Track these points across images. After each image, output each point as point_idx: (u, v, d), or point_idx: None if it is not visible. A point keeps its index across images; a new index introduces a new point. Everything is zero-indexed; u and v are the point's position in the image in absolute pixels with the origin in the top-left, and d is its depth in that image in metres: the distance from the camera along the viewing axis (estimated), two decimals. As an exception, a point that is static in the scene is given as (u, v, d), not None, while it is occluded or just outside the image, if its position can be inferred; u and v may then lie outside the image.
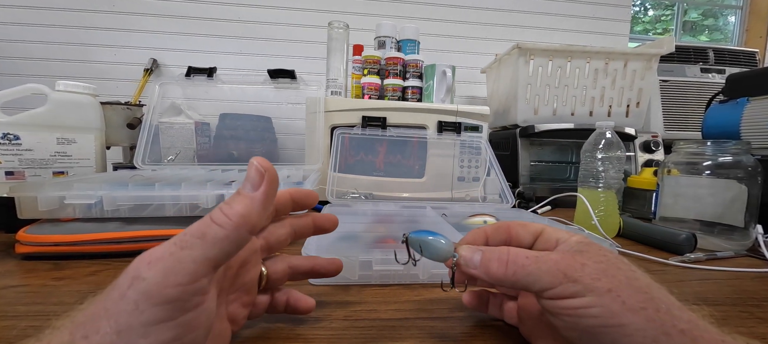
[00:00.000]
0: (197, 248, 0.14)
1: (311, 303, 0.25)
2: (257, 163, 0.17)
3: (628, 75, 0.81)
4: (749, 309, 0.30)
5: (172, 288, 0.14)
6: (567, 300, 0.17)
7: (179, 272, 0.14)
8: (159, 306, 0.13)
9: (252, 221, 0.16)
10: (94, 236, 0.35)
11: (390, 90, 0.77)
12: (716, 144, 0.48)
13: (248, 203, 0.16)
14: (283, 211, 0.24)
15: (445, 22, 1.16)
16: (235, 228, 0.15)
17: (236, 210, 0.15)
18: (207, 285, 0.15)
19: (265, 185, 0.16)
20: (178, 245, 0.14)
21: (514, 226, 0.23)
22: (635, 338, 0.15)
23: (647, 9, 2.12)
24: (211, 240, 0.15)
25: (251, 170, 0.16)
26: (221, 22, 1.07)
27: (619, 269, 0.18)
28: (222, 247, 0.15)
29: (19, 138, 0.51)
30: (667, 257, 0.42)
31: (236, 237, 0.15)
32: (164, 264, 0.14)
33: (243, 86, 0.76)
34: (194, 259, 0.14)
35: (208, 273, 0.15)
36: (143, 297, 0.13)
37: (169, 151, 0.72)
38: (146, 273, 0.13)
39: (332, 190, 0.58)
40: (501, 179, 0.64)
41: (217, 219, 0.15)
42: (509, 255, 0.19)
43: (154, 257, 0.14)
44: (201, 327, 0.15)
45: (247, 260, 0.21)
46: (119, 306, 0.13)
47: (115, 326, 0.13)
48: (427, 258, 0.23)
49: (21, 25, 1.00)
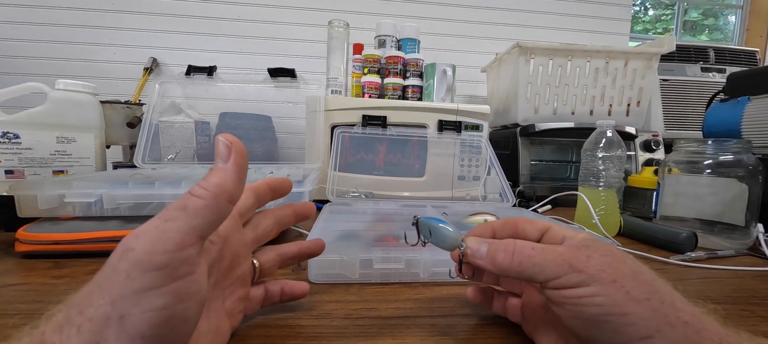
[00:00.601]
0: (180, 219, 0.15)
1: (305, 287, 0.26)
2: (223, 138, 0.17)
3: (628, 74, 0.81)
4: (750, 308, 0.30)
5: (161, 255, 0.14)
6: (572, 289, 0.17)
7: (166, 241, 0.14)
8: (149, 272, 0.14)
9: (228, 189, 0.16)
10: (94, 234, 0.35)
11: (390, 89, 0.77)
12: (717, 143, 0.48)
13: (222, 173, 0.17)
14: (263, 200, 0.25)
15: (446, 20, 1.15)
16: (214, 198, 0.16)
17: (212, 181, 0.16)
18: (195, 256, 0.15)
19: (234, 155, 0.17)
20: (163, 218, 0.15)
21: (521, 222, 0.23)
22: (638, 327, 0.15)
23: (647, 8, 2.12)
24: (193, 210, 0.15)
25: (219, 145, 0.17)
26: (221, 20, 1.07)
27: (625, 263, 0.18)
28: (204, 216, 0.16)
29: (19, 137, 0.51)
30: (668, 256, 0.42)
31: (216, 205, 0.16)
32: (151, 235, 0.14)
33: (243, 85, 0.76)
34: (179, 229, 0.15)
35: (195, 242, 0.15)
36: (134, 266, 0.14)
37: (169, 149, 0.72)
38: (135, 244, 0.14)
39: (332, 189, 0.58)
40: (501, 178, 0.64)
41: (196, 192, 0.16)
42: (515, 246, 0.20)
43: (141, 231, 0.15)
44: (192, 298, 0.15)
45: (238, 252, 0.22)
46: (111, 278, 0.14)
47: (108, 297, 0.13)
48: (435, 244, 0.23)
49: (20, 24, 1.00)
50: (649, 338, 0.15)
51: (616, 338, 0.16)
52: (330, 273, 0.32)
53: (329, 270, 0.32)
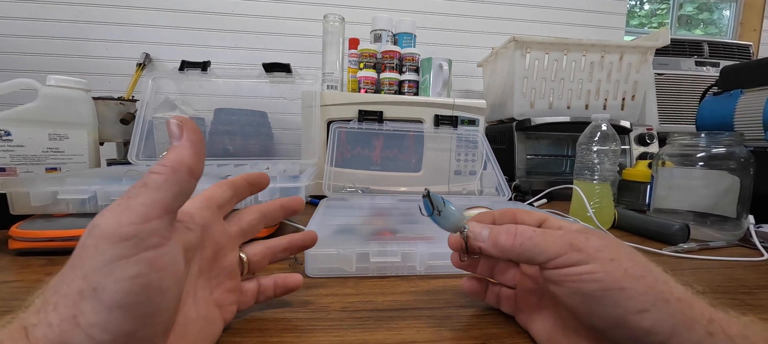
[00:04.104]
0: (142, 195, 0.16)
1: (298, 278, 0.26)
2: (174, 119, 0.18)
3: (623, 68, 0.81)
4: (740, 297, 0.30)
5: (127, 226, 0.15)
6: (572, 267, 0.18)
7: (131, 214, 0.15)
8: (117, 244, 0.14)
9: (185, 162, 0.17)
10: (88, 231, 0.35)
11: (386, 84, 0.77)
12: (710, 135, 0.49)
13: (177, 149, 0.17)
14: (241, 193, 0.25)
15: (442, 15, 1.15)
16: (173, 171, 0.17)
17: (169, 158, 0.17)
18: (163, 229, 0.16)
19: (186, 132, 0.18)
20: (126, 197, 0.16)
21: (520, 212, 0.24)
22: (636, 301, 0.16)
23: (643, 3, 2.13)
24: (154, 185, 0.16)
25: (171, 126, 0.18)
26: (215, 15, 1.05)
27: (621, 246, 0.19)
28: (166, 189, 0.16)
29: (11, 134, 0.51)
30: (661, 247, 0.42)
31: (176, 178, 0.16)
32: (116, 211, 0.15)
33: (238, 80, 0.75)
34: (143, 203, 0.15)
35: (160, 215, 0.16)
36: (101, 239, 0.14)
37: (164, 146, 0.71)
38: (100, 221, 0.15)
39: (329, 185, 0.58)
40: (497, 172, 0.64)
41: (155, 168, 0.17)
42: (517, 230, 0.21)
43: (106, 210, 0.15)
44: (166, 269, 0.16)
45: (221, 244, 0.22)
46: (81, 254, 0.14)
47: (80, 272, 0.14)
48: (440, 222, 0.24)
49: (9, 19, 0.98)
50: (646, 311, 0.16)
51: (614, 310, 0.17)
52: (327, 267, 0.32)
53: (326, 264, 0.32)
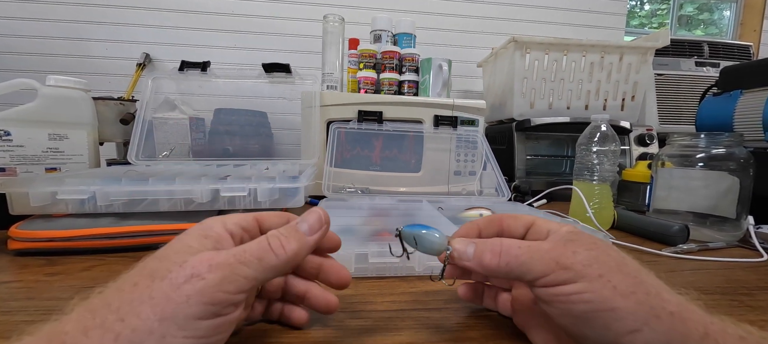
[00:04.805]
0: (253, 267, 0.16)
1: (303, 316, 0.23)
2: (322, 213, 0.19)
3: (623, 68, 0.81)
4: (739, 298, 0.30)
5: (223, 293, 0.15)
6: (559, 287, 0.17)
7: (232, 282, 0.16)
8: (207, 305, 0.15)
9: (298, 259, 0.18)
10: (87, 231, 0.35)
11: (386, 84, 0.77)
12: (709, 136, 0.49)
13: (303, 244, 0.19)
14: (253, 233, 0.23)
15: (442, 15, 1.15)
16: (286, 262, 0.18)
17: (292, 248, 0.18)
18: (243, 299, 0.17)
19: (320, 234, 0.19)
20: (238, 258, 0.16)
21: (506, 219, 0.23)
22: (627, 321, 0.16)
23: (643, 3, 2.12)
24: (266, 265, 0.17)
25: (312, 216, 0.19)
26: (215, 15, 1.05)
27: (609, 255, 0.18)
28: (270, 273, 0.17)
29: (10, 134, 0.51)
30: (661, 248, 0.42)
31: (283, 268, 0.18)
32: (223, 273, 0.15)
33: (237, 81, 0.75)
34: (246, 276, 0.16)
35: (251, 289, 0.17)
36: (197, 294, 0.15)
37: (164, 146, 0.71)
38: (207, 275, 0.15)
39: (328, 185, 0.58)
40: (497, 173, 0.64)
41: (276, 248, 0.17)
42: (502, 246, 0.20)
43: (215, 262, 0.16)
44: (223, 333, 0.16)
45: None
46: (169, 295, 0.14)
47: (159, 313, 0.14)
48: (422, 252, 0.23)
49: (9, 19, 0.98)
50: (637, 331, 0.15)
51: (605, 334, 0.16)
52: (326, 268, 0.32)
53: (325, 265, 0.32)
